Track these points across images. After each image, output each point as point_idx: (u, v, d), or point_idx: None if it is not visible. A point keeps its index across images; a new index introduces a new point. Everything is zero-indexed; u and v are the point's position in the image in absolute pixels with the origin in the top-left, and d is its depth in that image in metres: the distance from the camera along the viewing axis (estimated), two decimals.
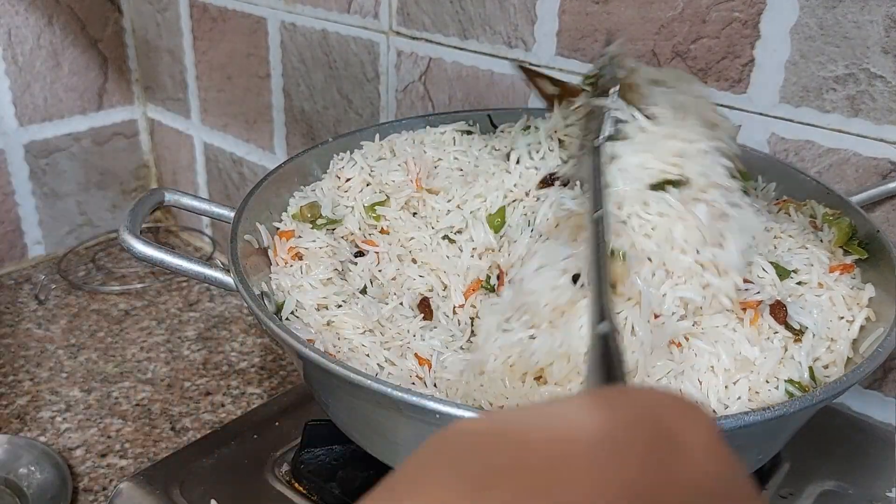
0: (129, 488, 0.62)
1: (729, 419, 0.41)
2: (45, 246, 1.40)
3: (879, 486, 0.61)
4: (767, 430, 0.48)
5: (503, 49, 0.87)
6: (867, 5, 0.63)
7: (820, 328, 0.50)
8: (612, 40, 0.59)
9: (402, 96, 1.00)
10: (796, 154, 0.70)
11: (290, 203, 0.64)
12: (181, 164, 1.45)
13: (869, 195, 0.65)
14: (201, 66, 1.30)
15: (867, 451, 0.65)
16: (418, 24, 0.94)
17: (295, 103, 1.16)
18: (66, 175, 1.39)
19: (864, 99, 0.65)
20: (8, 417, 0.99)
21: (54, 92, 1.33)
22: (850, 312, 0.52)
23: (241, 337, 1.17)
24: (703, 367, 0.46)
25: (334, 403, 0.54)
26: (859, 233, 0.58)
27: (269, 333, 0.49)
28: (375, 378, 0.43)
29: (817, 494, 0.60)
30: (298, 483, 0.62)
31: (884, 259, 0.55)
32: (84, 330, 1.18)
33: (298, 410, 0.70)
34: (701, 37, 0.72)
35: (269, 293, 0.56)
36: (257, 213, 0.61)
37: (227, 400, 1.03)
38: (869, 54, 0.64)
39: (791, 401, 0.43)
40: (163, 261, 0.53)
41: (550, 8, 0.81)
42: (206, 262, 0.55)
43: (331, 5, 1.03)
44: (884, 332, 0.49)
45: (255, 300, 0.50)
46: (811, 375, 0.49)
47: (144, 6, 1.35)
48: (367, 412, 0.49)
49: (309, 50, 1.09)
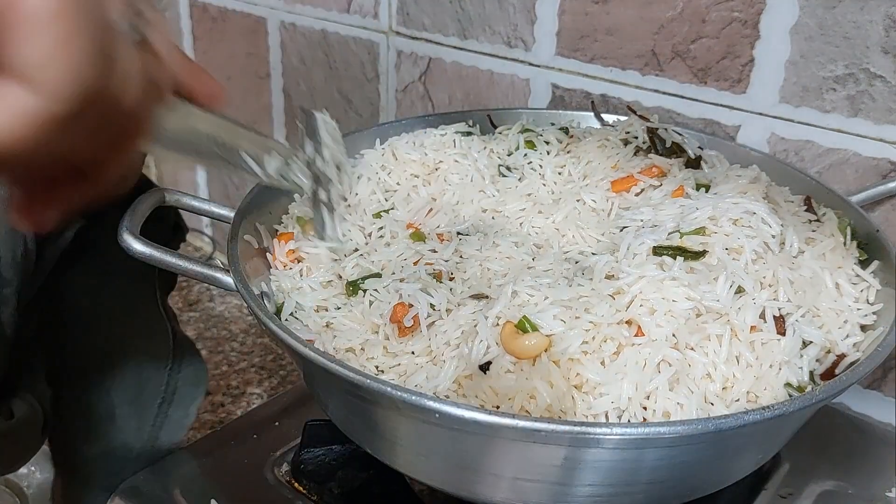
0: (129, 488, 0.62)
1: (729, 418, 0.41)
2: None
3: (879, 486, 0.61)
4: (768, 429, 0.48)
5: (503, 49, 0.87)
6: (867, 5, 0.63)
7: (823, 341, 0.50)
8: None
9: (402, 96, 1.00)
10: (796, 154, 0.70)
11: (290, 208, 0.64)
12: (181, 163, 1.45)
13: (868, 195, 0.65)
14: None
15: (867, 450, 0.65)
16: (418, 24, 0.94)
17: (295, 103, 1.16)
18: None
19: (864, 99, 0.65)
20: None
21: None
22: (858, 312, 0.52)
23: (241, 337, 1.17)
24: (698, 374, 0.47)
25: (334, 403, 0.54)
26: (859, 233, 0.58)
27: (269, 333, 0.49)
28: (374, 377, 0.43)
29: (817, 494, 0.60)
30: (298, 483, 0.62)
31: (883, 259, 0.55)
32: None
33: (298, 410, 0.70)
34: (701, 37, 0.72)
35: (269, 294, 0.56)
36: (257, 213, 0.61)
37: (227, 400, 1.03)
38: (869, 54, 0.64)
39: (791, 400, 0.43)
40: (162, 261, 0.53)
41: (550, 8, 0.81)
42: (206, 262, 0.55)
43: (331, 5, 1.03)
44: (883, 331, 0.49)
45: (255, 300, 0.50)
46: (811, 378, 0.49)
47: None
48: (367, 412, 0.49)
49: (309, 50, 1.09)
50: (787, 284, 0.51)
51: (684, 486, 0.49)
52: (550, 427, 0.40)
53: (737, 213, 0.55)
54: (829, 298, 0.53)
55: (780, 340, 0.48)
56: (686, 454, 0.46)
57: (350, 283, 0.55)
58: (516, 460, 0.45)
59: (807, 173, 0.66)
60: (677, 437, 0.41)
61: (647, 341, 0.47)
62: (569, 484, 0.45)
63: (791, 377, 0.47)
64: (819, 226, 0.59)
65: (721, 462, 0.49)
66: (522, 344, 0.47)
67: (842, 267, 0.55)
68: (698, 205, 0.56)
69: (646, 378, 0.45)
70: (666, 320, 0.47)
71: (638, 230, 0.56)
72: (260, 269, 0.58)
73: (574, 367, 0.46)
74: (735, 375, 0.47)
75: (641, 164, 0.64)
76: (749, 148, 0.70)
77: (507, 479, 0.47)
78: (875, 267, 0.55)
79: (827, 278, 0.54)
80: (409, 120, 0.73)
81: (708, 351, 0.47)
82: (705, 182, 0.62)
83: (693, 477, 0.49)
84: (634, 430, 0.41)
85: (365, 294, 0.54)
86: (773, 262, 0.52)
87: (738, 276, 0.50)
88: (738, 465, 0.51)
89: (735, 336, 0.48)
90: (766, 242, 0.53)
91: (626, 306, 0.48)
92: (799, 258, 0.55)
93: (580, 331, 0.47)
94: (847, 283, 0.54)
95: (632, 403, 0.44)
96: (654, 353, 0.46)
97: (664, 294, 0.48)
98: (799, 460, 0.62)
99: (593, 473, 0.45)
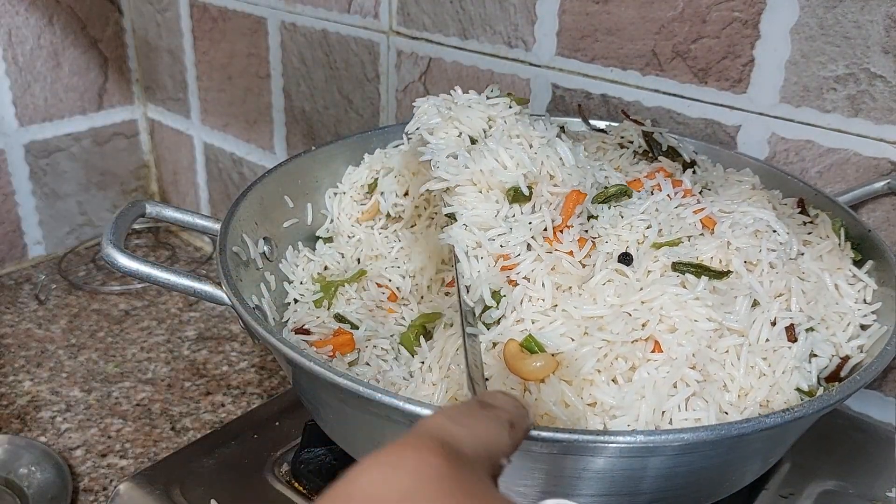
0: (129, 488, 0.62)
1: (750, 422, 0.41)
2: (46, 246, 1.40)
3: (879, 485, 0.61)
4: (782, 433, 0.48)
5: (503, 49, 0.87)
6: (867, 5, 0.63)
7: (831, 348, 0.50)
8: None
9: (402, 96, 1.00)
10: (796, 154, 0.70)
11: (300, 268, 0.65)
12: (181, 164, 1.45)
13: (854, 195, 0.65)
14: (201, 66, 1.30)
15: (867, 450, 0.65)
16: (418, 24, 0.94)
17: (295, 103, 1.16)
18: (66, 175, 1.39)
19: (865, 99, 0.65)
20: (8, 417, 0.99)
21: (54, 92, 1.33)
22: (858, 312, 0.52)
23: (242, 337, 1.17)
24: (715, 387, 0.46)
25: (324, 411, 0.54)
26: (851, 234, 0.58)
27: (262, 341, 0.48)
28: (365, 382, 0.42)
29: (817, 494, 0.60)
30: (298, 483, 0.62)
31: (878, 258, 0.56)
32: (84, 330, 1.18)
33: (298, 410, 0.70)
34: (701, 37, 0.72)
35: (262, 307, 0.56)
36: (243, 223, 0.60)
37: (227, 400, 1.03)
38: (869, 54, 0.64)
39: (810, 401, 0.43)
40: (149, 275, 0.50)
41: (550, 8, 0.81)
42: (196, 275, 0.52)
43: (331, 5, 1.03)
44: (889, 330, 0.50)
45: (246, 307, 0.49)
46: (818, 381, 0.49)
47: (144, 6, 1.35)
48: (357, 418, 0.49)
49: (309, 50, 1.09)
50: (800, 295, 0.51)
51: (693, 493, 0.49)
52: (573, 437, 0.39)
53: (750, 221, 0.54)
54: (831, 301, 0.53)
55: (792, 347, 0.48)
56: (702, 461, 0.45)
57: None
58: (529, 471, 0.44)
59: (794, 175, 0.66)
60: (699, 443, 0.40)
61: (665, 359, 0.46)
62: (578, 493, 0.45)
63: (801, 382, 0.47)
64: (813, 228, 0.59)
65: (731, 468, 0.49)
66: (529, 366, 0.45)
67: (840, 268, 0.55)
68: (714, 213, 0.56)
69: (662, 398, 0.44)
70: (686, 339, 0.46)
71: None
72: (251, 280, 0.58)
73: (587, 388, 0.45)
74: (751, 385, 0.46)
75: (648, 168, 0.63)
76: (735, 151, 0.70)
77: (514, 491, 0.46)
78: (869, 267, 0.56)
79: (827, 280, 0.54)
80: (396, 126, 0.74)
81: (725, 365, 0.47)
82: (703, 185, 0.63)
83: (703, 483, 0.49)
84: (656, 437, 0.40)
85: None
86: (784, 272, 0.52)
87: (755, 290, 0.50)
88: (747, 470, 0.51)
89: (750, 349, 0.48)
90: (777, 252, 0.53)
91: (644, 323, 0.47)
92: (798, 260, 0.55)
93: (592, 349, 0.46)
94: (845, 284, 0.54)
95: (648, 425, 0.44)
96: (672, 373, 0.45)
97: (687, 313, 0.47)
98: (799, 460, 0.62)
99: (604, 483, 0.44)
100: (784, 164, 0.71)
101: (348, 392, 0.42)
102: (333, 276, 0.65)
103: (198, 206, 1.45)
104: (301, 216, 0.69)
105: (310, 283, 0.65)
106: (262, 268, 0.63)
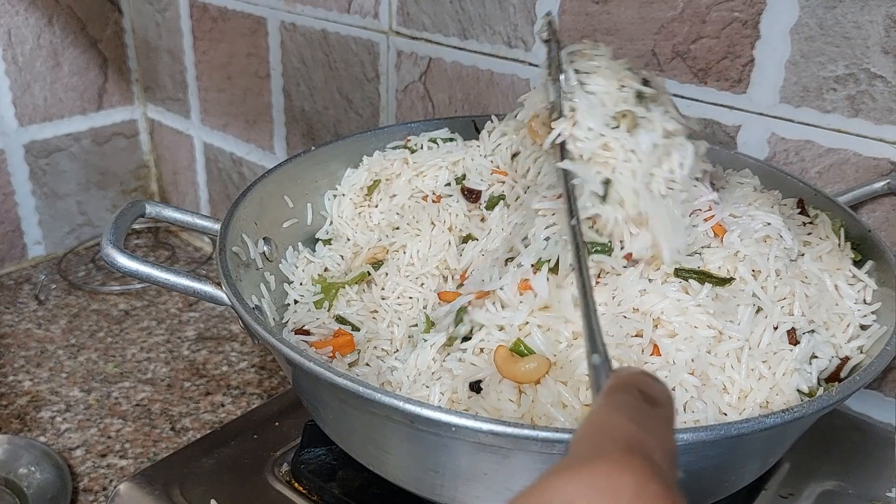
0: (129, 488, 0.62)
1: (750, 422, 0.41)
2: (45, 246, 1.40)
3: (879, 486, 0.61)
4: (781, 433, 0.48)
5: (503, 49, 0.87)
6: (867, 5, 0.63)
7: (831, 350, 0.50)
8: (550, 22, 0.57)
9: (402, 96, 1.00)
10: (796, 154, 0.70)
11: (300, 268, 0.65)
12: (181, 164, 1.45)
13: (854, 195, 0.65)
14: (201, 66, 1.30)
15: (867, 451, 0.65)
16: (418, 24, 0.94)
17: (295, 103, 1.16)
18: (66, 175, 1.39)
19: (864, 99, 0.65)
20: (8, 417, 0.99)
21: (54, 92, 1.33)
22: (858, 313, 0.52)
23: (242, 337, 1.17)
24: (714, 390, 0.46)
25: (324, 411, 0.54)
26: (851, 234, 0.58)
27: (262, 341, 0.48)
28: (365, 382, 0.42)
29: (817, 494, 0.60)
30: (298, 483, 0.62)
31: (878, 258, 0.56)
32: (84, 330, 1.18)
33: (298, 410, 0.70)
34: (701, 37, 0.72)
35: (262, 307, 0.56)
36: (243, 223, 0.60)
37: (227, 400, 1.03)
38: (869, 54, 0.64)
39: (809, 401, 0.43)
40: (149, 276, 0.50)
41: (550, 8, 0.81)
42: (196, 275, 0.52)
43: (331, 5, 1.03)
44: (888, 330, 0.49)
45: (246, 307, 0.49)
46: (817, 382, 0.49)
47: (144, 6, 1.35)
48: (357, 418, 0.49)
49: (309, 50, 1.09)
50: (803, 299, 0.51)
51: (692, 494, 0.48)
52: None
53: (759, 226, 0.54)
54: (831, 302, 0.53)
55: (793, 350, 0.48)
56: (702, 461, 0.45)
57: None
58: (528, 471, 0.44)
59: (794, 176, 0.66)
60: (698, 443, 0.40)
61: (663, 363, 0.46)
62: None
63: (802, 383, 0.47)
64: (813, 228, 0.59)
65: (731, 468, 0.49)
66: (522, 368, 0.44)
67: (840, 269, 0.55)
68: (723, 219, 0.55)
69: None
70: (686, 345, 0.46)
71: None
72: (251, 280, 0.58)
73: (583, 389, 0.44)
74: (751, 387, 0.46)
75: None
76: (735, 152, 0.70)
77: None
78: (869, 267, 0.56)
79: (827, 281, 0.54)
80: (415, 124, 0.74)
81: (725, 368, 0.47)
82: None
83: (702, 484, 0.49)
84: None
85: None
86: (788, 277, 0.52)
87: (759, 297, 0.49)
88: (747, 470, 0.51)
89: (751, 352, 0.48)
90: (783, 259, 0.53)
91: (640, 332, 0.47)
92: (798, 261, 0.55)
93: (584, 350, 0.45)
94: (845, 285, 0.54)
95: None
96: (670, 377, 0.45)
97: (687, 319, 0.47)
98: (799, 460, 0.62)
99: None
100: (784, 164, 0.71)
101: (348, 392, 0.42)
102: (334, 277, 0.65)
103: (198, 206, 1.45)
104: (301, 216, 0.69)
105: (310, 284, 0.65)
106: (261, 268, 0.63)
